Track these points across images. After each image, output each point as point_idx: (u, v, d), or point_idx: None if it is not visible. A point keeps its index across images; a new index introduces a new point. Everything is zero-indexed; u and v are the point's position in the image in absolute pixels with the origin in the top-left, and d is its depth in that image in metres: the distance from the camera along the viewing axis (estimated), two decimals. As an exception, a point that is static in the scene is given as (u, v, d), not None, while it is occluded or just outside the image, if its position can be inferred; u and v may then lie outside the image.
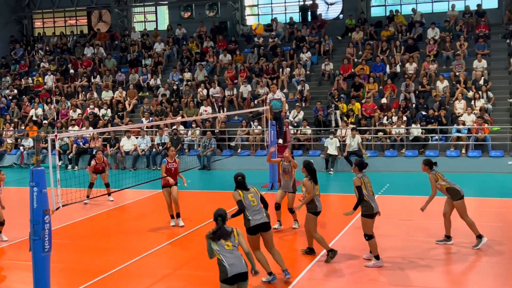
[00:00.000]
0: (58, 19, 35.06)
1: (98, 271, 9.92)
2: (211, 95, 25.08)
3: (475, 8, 26.53)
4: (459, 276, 9.69)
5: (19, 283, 9.75)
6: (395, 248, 10.92)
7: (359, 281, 9.38)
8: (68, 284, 9.38)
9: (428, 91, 22.91)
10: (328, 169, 20.64)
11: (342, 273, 9.77)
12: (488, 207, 14.54)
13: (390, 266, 9.90)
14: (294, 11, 30.41)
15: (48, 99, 27.07)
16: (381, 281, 9.27)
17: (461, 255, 10.48)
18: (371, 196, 9.78)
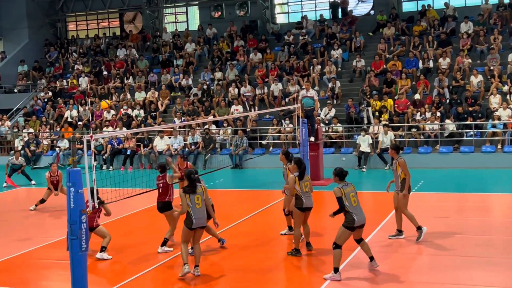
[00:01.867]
0: (91, 21, 35.57)
1: (135, 270, 10.04)
2: (242, 94, 25.15)
3: (509, 1, 26.03)
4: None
5: (57, 282, 9.93)
6: (435, 245, 10.79)
7: (395, 280, 9.32)
8: (105, 283, 9.51)
9: (462, 86, 22.59)
10: (361, 167, 20.51)
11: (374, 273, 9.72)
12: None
13: (432, 264, 9.81)
14: (324, 8, 30.29)
15: (82, 101, 27.50)
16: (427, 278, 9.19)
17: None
18: (354, 207, 9.07)
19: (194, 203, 9.37)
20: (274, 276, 9.73)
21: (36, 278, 10.28)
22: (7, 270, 10.57)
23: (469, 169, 19.33)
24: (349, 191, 9.17)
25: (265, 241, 11.78)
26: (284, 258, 10.63)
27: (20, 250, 11.64)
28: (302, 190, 10.23)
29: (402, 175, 10.92)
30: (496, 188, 17.11)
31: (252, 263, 10.31)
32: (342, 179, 9.33)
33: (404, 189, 10.89)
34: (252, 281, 9.38)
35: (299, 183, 10.25)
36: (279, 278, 9.75)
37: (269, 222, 13.60)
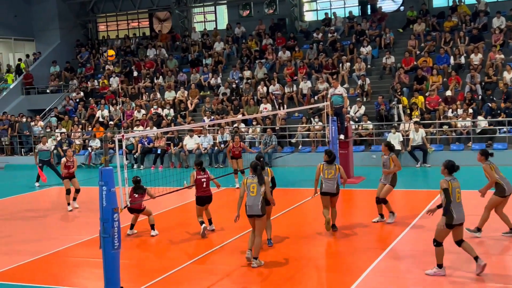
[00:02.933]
0: (121, 22, 35.93)
1: (164, 269, 10.10)
2: (271, 92, 25.14)
3: (544, -6, 25.56)
4: None
5: (90, 280, 10.05)
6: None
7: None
8: (137, 281, 9.60)
9: (494, 82, 22.23)
10: (392, 164, 20.30)
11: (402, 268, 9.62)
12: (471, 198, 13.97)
13: (458, 260, 9.70)
14: (353, 5, 30.09)
15: (113, 101, 27.80)
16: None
17: None
18: (456, 203, 8.89)
19: (250, 190, 9.96)
20: (308, 271, 9.70)
21: (70, 275, 10.44)
22: (42, 268, 10.76)
23: (503, 166, 18.93)
24: (455, 186, 8.95)
25: (296, 238, 11.77)
26: (316, 255, 10.60)
27: (54, 248, 11.83)
28: (325, 176, 11.46)
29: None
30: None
31: (285, 258, 10.29)
32: (451, 172, 9.09)
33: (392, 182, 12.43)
34: (285, 278, 9.37)
35: (322, 170, 11.52)
36: (312, 274, 9.71)
37: (300, 219, 13.57)
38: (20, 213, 15.83)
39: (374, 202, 12.70)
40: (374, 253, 10.29)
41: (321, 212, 11.70)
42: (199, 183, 12.00)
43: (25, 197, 18.58)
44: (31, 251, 11.72)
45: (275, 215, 13.62)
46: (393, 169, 12.50)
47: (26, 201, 17.85)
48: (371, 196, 15.95)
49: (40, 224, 14.52)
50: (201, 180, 12.00)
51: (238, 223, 10.45)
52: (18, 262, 11.02)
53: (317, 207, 14.11)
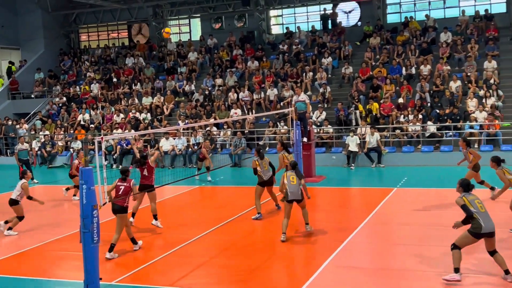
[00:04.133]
0: (102, 32, 35.46)
1: (141, 260, 10.03)
2: (240, 98, 25.12)
3: (484, 12, 26.05)
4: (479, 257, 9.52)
5: (71, 271, 9.88)
6: (412, 236, 10.80)
7: (378, 267, 9.30)
8: (115, 273, 9.48)
9: (441, 90, 22.58)
10: (350, 165, 20.48)
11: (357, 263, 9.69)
12: (502, 197, 14.21)
13: (407, 253, 9.81)
14: (315, 20, 30.25)
15: (94, 105, 27.44)
16: (395, 267, 9.18)
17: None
18: (481, 212, 8.18)
19: (290, 180, 10.84)
20: (272, 263, 9.70)
21: (52, 268, 10.26)
22: (25, 261, 10.55)
23: (449, 167, 19.32)
24: (472, 198, 8.33)
25: (262, 233, 11.77)
26: (279, 248, 10.62)
27: (37, 243, 11.61)
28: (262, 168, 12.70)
29: None
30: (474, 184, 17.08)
31: (250, 253, 10.29)
32: (466, 190, 8.48)
33: None
34: (251, 269, 9.35)
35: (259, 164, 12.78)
36: (276, 266, 9.72)
37: (265, 215, 13.57)
38: (2, 210, 15.42)
39: (334, 198, 12.77)
40: (333, 246, 10.35)
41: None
42: (116, 190, 10.51)
43: (9, 195, 18.11)
44: (14, 245, 11.49)
45: (243, 212, 13.63)
46: (474, 161, 13.11)
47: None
48: (331, 194, 16.12)
49: (23, 220, 14.19)
50: (119, 188, 10.48)
51: (210, 217, 10.40)
52: (2, 256, 10.80)
53: (281, 204, 14.15)
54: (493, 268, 8.46)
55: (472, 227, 8.19)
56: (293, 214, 11.16)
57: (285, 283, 8.93)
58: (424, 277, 8.60)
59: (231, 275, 9.24)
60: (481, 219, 8.09)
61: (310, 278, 8.71)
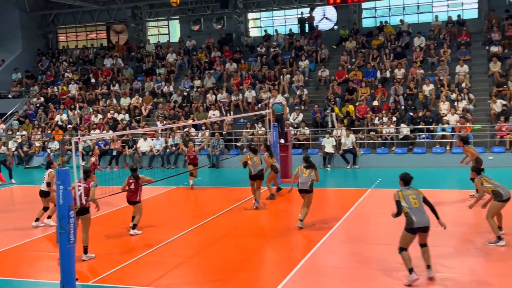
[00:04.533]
0: (80, 33, 35.06)
1: (118, 261, 9.92)
2: (219, 100, 25.07)
3: (457, 18, 26.44)
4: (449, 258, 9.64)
5: (47, 272, 9.74)
6: (386, 237, 10.88)
7: (347, 266, 9.35)
8: (91, 273, 9.37)
9: (415, 94, 22.84)
10: (326, 166, 20.59)
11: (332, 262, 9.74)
12: (470, 198, 14.42)
13: (382, 253, 9.89)
14: (293, 23, 30.34)
15: (72, 106, 27.13)
16: (372, 264, 9.24)
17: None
18: (414, 208, 8.27)
19: (303, 172, 11.94)
20: (247, 264, 9.69)
21: (29, 268, 10.08)
22: (1, 262, 10.35)
23: (422, 168, 19.56)
24: (408, 194, 8.38)
25: (238, 234, 11.76)
26: (255, 248, 10.62)
27: (13, 243, 11.42)
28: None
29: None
30: (445, 185, 17.34)
31: (227, 253, 10.26)
32: (406, 184, 8.59)
33: None
34: (225, 269, 9.33)
35: (250, 158, 14.03)
36: (252, 266, 9.71)
37: (243, 216, 13.57)
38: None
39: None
40: (308, 246, 10.38)
41: (262, 207, 11.64)
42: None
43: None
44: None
45: (220, 212, 13.60)
46: (471, 158, 13.56)
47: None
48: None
49: (0, 220, 13.96)
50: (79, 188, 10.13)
51: (188, 218, 10.34)
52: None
53: (262, 206, 14.17)
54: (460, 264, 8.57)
55: (406, 223, 8.29)
56: (274, 213, 11.17)
57: (262, 283, 8.93)
58: (398, 277, 8.67)
59: (208, 275, 9.21)
60: (413, 215, 8.18)
61: (286, 278, 8.72)
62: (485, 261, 9.46)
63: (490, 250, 9.82)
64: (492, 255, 9.60)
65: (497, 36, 24.47)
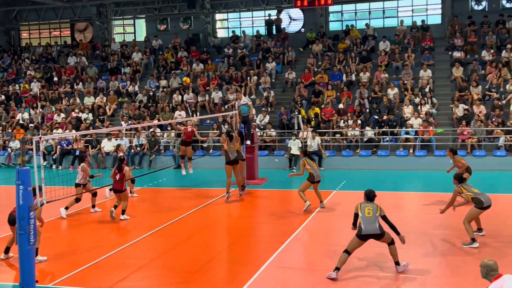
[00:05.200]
0: (44, 30, 34.39)
1: (80, 263, 9.75)
2: (185, 100, 24.93)
3: (421, 23, 26.97)
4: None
5: (6, 273, 9.51)
6: (349, 238, 10.98)
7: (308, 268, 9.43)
8: (51, 275, 9.18)
9: (380, 97, 23.18)
10: (291, 168, 20.70)
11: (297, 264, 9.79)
12: (432, 200, 14.73)
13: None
14: (260, 25, 30.44)
15: (34, 104, 26.55)
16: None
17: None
18: (366, 217, 8.83)
19: (313, 166, 13.30)
20: (213, 265, 9.65)
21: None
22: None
23: (385, 170, 19.88)
24: (365, 206, 8.94)
25: (203, 235, 11.71)
26: (221, 249, 10.59)
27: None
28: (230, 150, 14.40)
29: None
30: (408, 188, 17.65)
31: (192, 255, 10.21)
32: (368, 199, 9.09)
33: None
34: (192, 271, 9.28)
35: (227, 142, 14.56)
36: (217, 267, 9.68)
37: (208, 217, 13.52)
38: None
39: (276, 200, 12.84)
40: (273, 247, 10.42)
41: (229, 208, 11.58)
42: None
43: None
44: None
45: (185, 213, 13.52)
46: (462, 168, 13.27)
47: None
48: (273, 196, 16.23)
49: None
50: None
51: (152, 219, 10.24)
52: None
53: (224, 206, 14.18)
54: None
55: (357, 230, 8.92)
56: (240, 213, 11.14)
57: (226, 284, 8.91)
58: (360, 278, 8.78)
59: (171, 277, 9.13)
60: (363, 223, 8.81)
61: (251, 279, 8.73)
62: (461, 262, 9.66)
63: (466, 251, 10.03)
64: (471, 255, 9.82)
65: (460, 42, 25.08)
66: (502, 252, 9.88)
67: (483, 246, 10.20)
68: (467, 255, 9.81)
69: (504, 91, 22.26)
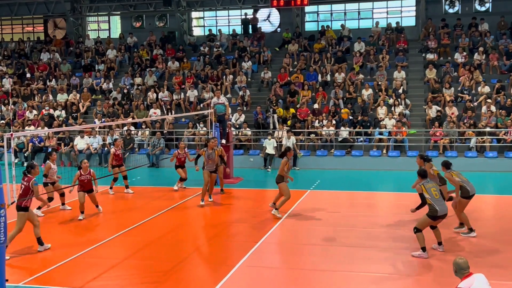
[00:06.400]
0: (16, 26, 33.81)
1: (51, 261, 9.64)
2: (160, 98, 24.80)
3: (395, 25, 27.29)
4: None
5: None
6: (323, 236, 11.09)
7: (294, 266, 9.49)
8: (22, 274, 9.05)
9: (354, 98, 23.39)
10: (266, 167, 20.76)
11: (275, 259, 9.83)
12: (404, 200, 14.93)
13: (318, 252, 10.07)
14: (236, 24, 30.45)
15: (5, 101, 26.11)
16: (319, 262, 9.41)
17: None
18: (436, 199, 9.38)
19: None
20: (186, 264, 9.63)
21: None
22: None
23: (359, 170, 20.07)
24: (429, 186, 9.54)
25: (177, 234, 11.67)
26: (193, 249, 10.58)
27: None
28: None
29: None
30: (381, 188, 17.86)
31: (164, 254, 10.17)
32: (423, 178, 9.76)
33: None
34: (165, 270, 9.25)
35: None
36: (190, 267, 9.66)
37: (182, 216, 13.48)
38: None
39: (250, 200, 12.83)
40: (247, 246, 10.44)
41: (203, 207, 11.53)
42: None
43: None
44: None
45: (159, 212, 13.46)
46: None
47: None
48: (248, 195, 16.26)
49: None
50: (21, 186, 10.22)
51: (125, 218, 10.15)
52: None
53: (196, 204, 14.15)
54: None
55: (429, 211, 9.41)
56: (214, 213, 11.09)
57: (199, 283, 8.89)
58: (333, 276, 8.86)
59: (144, 277, 9.08)
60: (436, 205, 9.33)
61: (224, 278, 8.74)
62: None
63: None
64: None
65: (433, 44, 25.45)
66: (483, 250, 10.07)
67: (466, 244, 10.38)
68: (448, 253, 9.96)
69: (476, 93, 22.68)
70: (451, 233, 11.07)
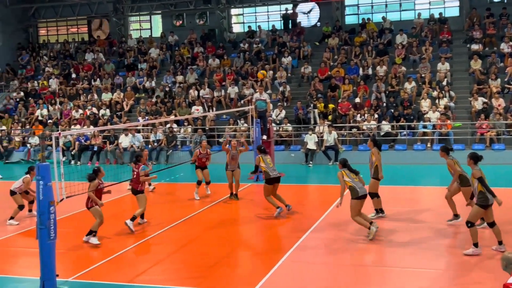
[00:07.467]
0: (61, 27, 34.71)
1: (99, 257, 9.89)
2: (201, 96, 25.03)
3: (438, 16, 26.71)
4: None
5: (27, 268, 9.67)
6: (366, 230, 10.98)
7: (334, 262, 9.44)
8: (71, 269, 9.32)
9: (397, 91, 23.04)
10: (308, 162, 20.69)
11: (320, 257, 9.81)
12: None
13: (362, 249, 9.99)
14: (276, 20, 30.40)
15: (52, 101, 26.88)
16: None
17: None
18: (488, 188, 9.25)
19: (352, 178, 11.15)
20: (229, 260, 9.71)
21: (8, 265, 9.99)
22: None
23: (403, 165, 19.76)
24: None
25: (221, 230, 11.78)
26: (238, 245, 10.65)
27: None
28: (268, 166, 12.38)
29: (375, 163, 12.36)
30: (425, 182, 17.54)
31: (209, 249, 10.28)
32: (476, 162, 9.56)
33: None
34: (208, 266, 9.35)
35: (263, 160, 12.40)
36: (234, 262, 9.74)
37: (225, 211, 13.59)
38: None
39: (292, 195, 12.79)
40: (290, 242, 10.44)
41: (245, 203, 11.57)
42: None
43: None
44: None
45: (202, 208, 13.60)
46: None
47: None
48: (289, 191, 16.24)
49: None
50: (133, 172, 11.93)
51: (170, 214, 10.31)
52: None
53: (240, 201, 14.24)
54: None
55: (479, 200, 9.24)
56: (256, 208, 11.13)
57: (243, 278, 8.96)
58: (384, 272, 8.78)
59: (189, 272, 9.22)
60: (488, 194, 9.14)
61: (268, 273, 8.78)
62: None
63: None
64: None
65: (478, 34, 24.79)
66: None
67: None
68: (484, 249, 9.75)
69: (523, 83, 21.99)
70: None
